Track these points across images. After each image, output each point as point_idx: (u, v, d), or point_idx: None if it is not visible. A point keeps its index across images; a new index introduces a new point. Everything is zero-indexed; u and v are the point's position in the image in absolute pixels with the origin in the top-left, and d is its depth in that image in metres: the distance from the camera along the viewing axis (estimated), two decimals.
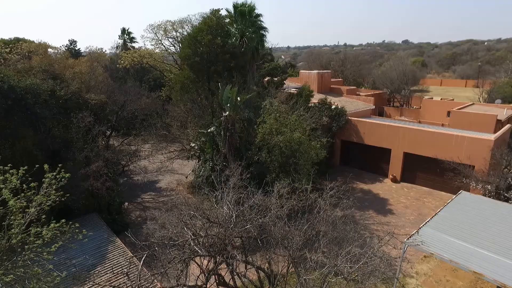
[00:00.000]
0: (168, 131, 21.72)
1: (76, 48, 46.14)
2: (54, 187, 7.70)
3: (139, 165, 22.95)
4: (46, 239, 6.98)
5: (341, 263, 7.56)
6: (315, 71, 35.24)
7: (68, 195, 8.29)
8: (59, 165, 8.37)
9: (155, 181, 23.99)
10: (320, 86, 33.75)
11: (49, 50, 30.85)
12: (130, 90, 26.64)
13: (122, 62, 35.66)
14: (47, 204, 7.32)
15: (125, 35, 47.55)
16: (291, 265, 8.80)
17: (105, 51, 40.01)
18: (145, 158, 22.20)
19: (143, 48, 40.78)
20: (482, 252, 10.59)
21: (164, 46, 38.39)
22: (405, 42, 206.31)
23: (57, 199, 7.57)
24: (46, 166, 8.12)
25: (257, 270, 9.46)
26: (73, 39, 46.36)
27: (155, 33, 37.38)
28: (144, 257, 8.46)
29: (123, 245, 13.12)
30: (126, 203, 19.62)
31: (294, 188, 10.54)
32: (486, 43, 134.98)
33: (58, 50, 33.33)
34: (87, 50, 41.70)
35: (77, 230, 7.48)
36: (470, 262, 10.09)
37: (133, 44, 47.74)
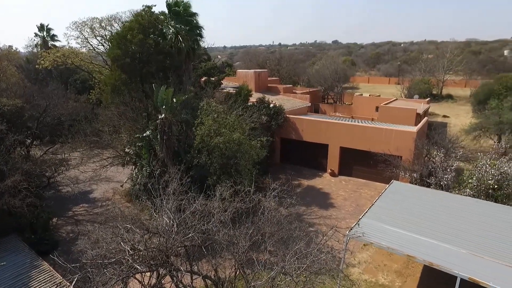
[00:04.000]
0: (100, 136, 20.05)
1: None
2: None
3: (68, 176, 20.86)
4: None
5: (288, 263, 7.50)
6: (252, 71, 35.49)
7: None
8: None
9: (89, 192, 22.06)
10: (257, 85, 34.07)
11: None
12: (53, 93, 24.19)
13: (42, 62, 32.19)
14: None
15: (44, 32, 42.91)
16: (238, 270, 8.55)
17: (17, 49, 35.69)
18: (74, 167, 20.22)
19: (67, 47, 37.22)
20: (413, 236, 11.43)
21: (92, 45, 35.55)
22: (335, 42, 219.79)
23: None
24: None
25: (204, 279, 9.06)
26: None
27: (80, 31, 34.44)
28: (74, 281, 7.56)
29: (50, 268, 11.59)
30: (55, 219, 17.68)
31: (236, 190, 10.27)
32: (402, 45, 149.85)
33: None
34: None
35: None
36: (404, 247, 10.81)
37: (55, 43, 43.34)
